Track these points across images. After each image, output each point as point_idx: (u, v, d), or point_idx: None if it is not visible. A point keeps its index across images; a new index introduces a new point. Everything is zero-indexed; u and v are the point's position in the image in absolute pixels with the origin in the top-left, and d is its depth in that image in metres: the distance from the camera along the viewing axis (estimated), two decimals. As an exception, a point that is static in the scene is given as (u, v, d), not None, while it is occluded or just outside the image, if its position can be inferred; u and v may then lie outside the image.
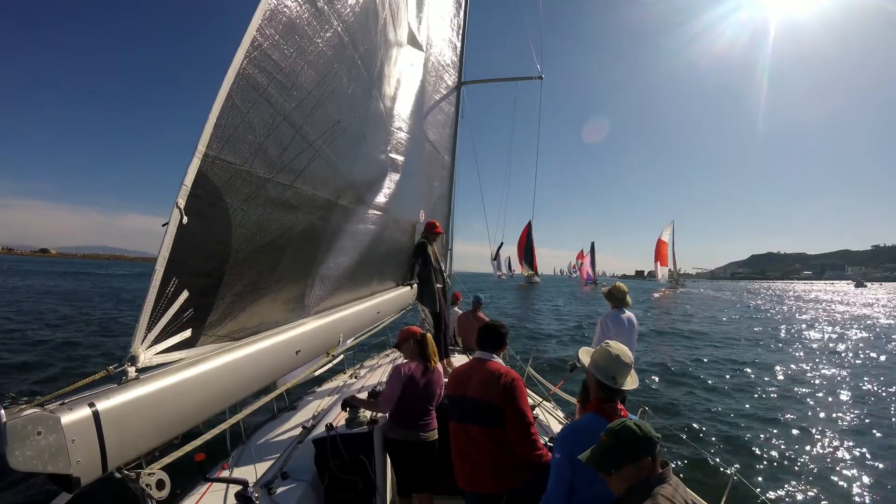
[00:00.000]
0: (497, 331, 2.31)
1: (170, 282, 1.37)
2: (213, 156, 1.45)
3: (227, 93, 1.45)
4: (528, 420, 2.09)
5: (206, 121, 1.42)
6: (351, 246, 2.67)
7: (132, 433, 1.22)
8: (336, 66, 2.02)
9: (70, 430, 1.05)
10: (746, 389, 8.83)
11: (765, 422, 6.98)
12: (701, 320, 22.98)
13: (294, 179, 1.90)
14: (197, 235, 1.45)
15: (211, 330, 1.57)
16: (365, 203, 2.86)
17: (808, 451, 5.87)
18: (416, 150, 4.01)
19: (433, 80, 4.40)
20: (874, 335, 17.83)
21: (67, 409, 1.08)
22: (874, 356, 12.87)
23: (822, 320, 24.07)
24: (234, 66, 1.46)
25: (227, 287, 1.62)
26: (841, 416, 7.33)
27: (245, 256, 1.69)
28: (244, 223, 1.66)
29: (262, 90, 1.61)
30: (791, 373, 10.44)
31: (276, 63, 1.65)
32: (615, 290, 3.88)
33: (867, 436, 6.45)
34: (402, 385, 2.57)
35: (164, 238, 1.35)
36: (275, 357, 1.83)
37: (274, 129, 1.71)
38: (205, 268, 1.52)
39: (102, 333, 13.00)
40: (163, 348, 1.40)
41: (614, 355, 1.77)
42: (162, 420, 1.32)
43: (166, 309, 1.38)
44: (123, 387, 1.24)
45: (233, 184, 1.56)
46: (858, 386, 9.26)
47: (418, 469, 2.63)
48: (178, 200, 1.36)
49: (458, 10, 5.33)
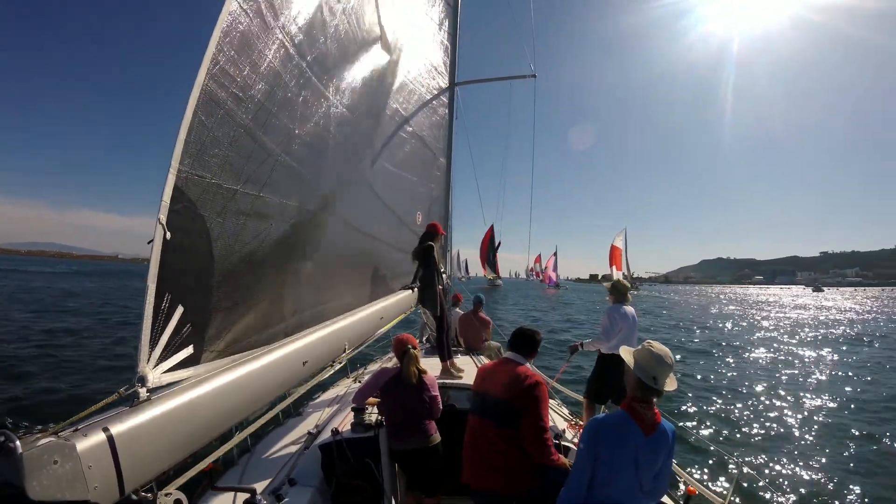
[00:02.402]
0: (533, 337, 2.32)
1: (164, 297, 1.40)
2: (186, 171, 1.49)
3: (193, 109, 1.49)
4: (545, 424, 2.11)
5: (177, 137, 1.45)
6: (337, 252, 2.69)
7: (147, 455, 1.24)
8: (284, 77, 2.09)
9: (86, 457, 1.07)
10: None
11: (757, 408, 7.23)
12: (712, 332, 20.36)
13: (261, 189, 1.95)
14: (181, 250, 1.48)
15: (211, 346, 1.60)
16: (341, 208, 2.86)
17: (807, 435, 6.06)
18: (405, 153, 4.00)
19: (425, 82, 4.34)
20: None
21: (82, 435, 1.10)
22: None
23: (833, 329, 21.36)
24: (198, 82, 1.50)
25: (218, 300, 1.65)
26: (845, 405, 7.56)
27: (230, 268, 1.73)
28: (222, 235, 1.69)
29: (223, 104, 1.65)
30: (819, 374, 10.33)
31: (233, 77, 1.70)
32: (619, 285, 3.83)
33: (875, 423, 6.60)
34: (387, 390, 2.62)
35: (150, 254, 1.37)
36: (283, 370, 1.86)
37: (236, 141, 1.76)
38: (194, 282, 1.55)
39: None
40: (168, 367, 1.42)
41: (657, 355, 1.72)
42: (176, 440, 1.35)
43: (165, 325, 1.40)
44: (136, 409, 1.26)
45: (206, 197, 1.60)
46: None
47: (424, 474, 2.68)
48: (159, 216, 1.39)
49: (448, 10, 5.22)
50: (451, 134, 5.45)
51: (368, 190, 3.25)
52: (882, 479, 5.00)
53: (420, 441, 2.61)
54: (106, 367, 8.72)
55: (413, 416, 2.63)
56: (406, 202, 4.06)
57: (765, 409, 7.43)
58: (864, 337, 17.90)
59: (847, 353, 13.83)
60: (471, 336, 5.20)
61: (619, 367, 3.46)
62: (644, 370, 1.71)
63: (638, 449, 1.66)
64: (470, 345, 5.19)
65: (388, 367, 2.80)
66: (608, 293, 3.85)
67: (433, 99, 4.49)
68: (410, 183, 4.21)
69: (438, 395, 2.72)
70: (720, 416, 7.09)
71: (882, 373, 10.79)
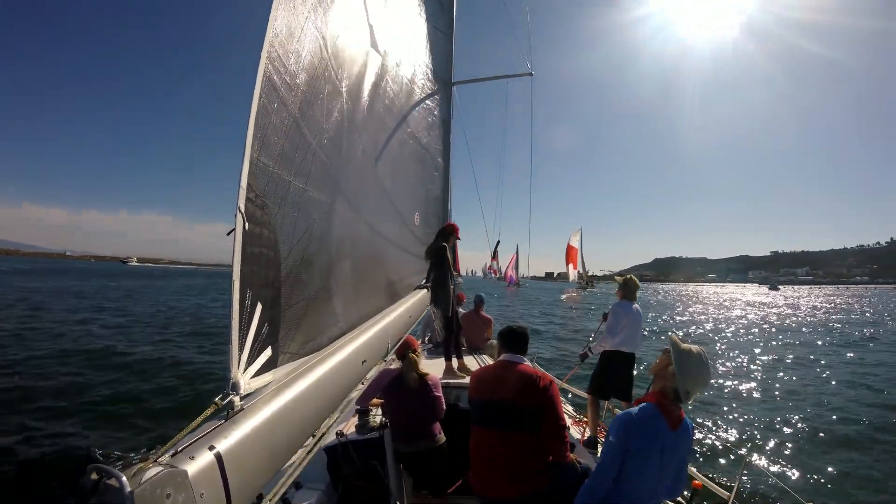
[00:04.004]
0: (524, 334, 2.33)
1: (246, 295, 1.28)
2: (255, 158, 1.39)
3: (258, 93, 1.40)
4: (564, 422, 2.13)
5: (249, 122, 1.36)
6: (364, 251, 2.66)
7: (250, 470, 1.14)
8: (319, 68, 2.01)
9: (198, 483, 0.95)
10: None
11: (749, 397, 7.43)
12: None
13: (306, 182, 1.85)
14: (253, 242, 1.37)
15: (285, 347, 1.49)
16: (361, 208, 2.80)
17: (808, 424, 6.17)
18: (404, 153, 3.94)
19: (421, 83, 4.29)
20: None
21: (189, 458, 0.97)
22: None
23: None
24: (261, 65, 1.42)
25: (286, 298, 1.54)
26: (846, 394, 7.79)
27: (291, 264, 1.62)
28: (283, 228, 1.59)
29: (279, 90, 1.57)
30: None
31: (284, 63, 1.61)
32: (630, 283, 3.71)
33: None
34: (391, 391, 2.59)
35: (234, 247, 1.26)
36: (348, 369, 1.81)
37: (289, 131, 1.67)
38: (266, 277, 1.43)
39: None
40: (254, 372, 1.30)
41: (705, 376, 1.68)
42: (274, 450, 1.25)
43: (248, 325, 1.29)
44: (235, 421, 1.15)
45: (270, 188, 1.50)
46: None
47: (430, 474, 2.67)
48: (239, 205, 1.28)
49: (443, 11, 5.16)
50: (449, 134, 5.44)
51: (381, 191, 3.19)
52: (891, 464, 5.06)
53: (426, 442, 2.61)
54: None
55: (417, 418, 2.62)
56: (407, 203, 4.03)
57: (768, 403, 7.59)
58: (848, 332, 18.89)
59: (842, 349, 14.23)
60: (473, 335, 5.18)
61: (622, 364, 3.56)
62: (684, 380, 1.65)
63: (664, 443, 1.68)
64: (472, 344, 5.16)
65: (390, 368, 2.76)
66: (618, 288, 3.74)
67: (427, 96, 4.50)
68: (410, 184, 4.18)
69: (442, 395, 2.71)
70: (722, 410, 7.22)
71: (886, 365, 11.38)
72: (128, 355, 9.48)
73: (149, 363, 8.90)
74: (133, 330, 13.16)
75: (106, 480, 0.81)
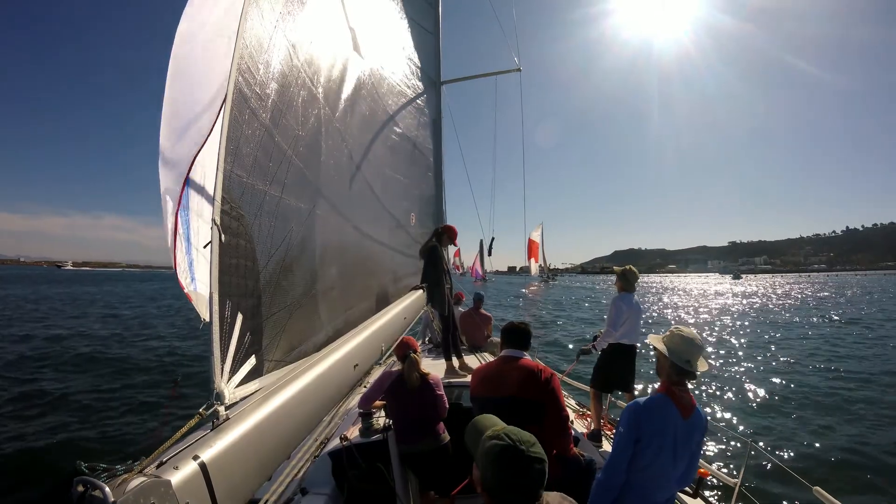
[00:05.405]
0: (527, 330, 2.32)
1: (226, 305, 1.30)
2: (229, 170, 1.40)
3: (230, 105, 1.41)
4: (566, 414, 2.13)
5: (221, 135, 1.37)
6: (353, 256, 2.66)
7: (237, 480, 1.16)
8: (289, 76, 2.02)
9: (182, 493, 0.97)
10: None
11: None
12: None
13: (282, 191, 1.87)
14: (231, 253, 1.39)
15: (269, 355, 1.51)
16: (347, 212, 2.81)
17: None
18: (395, 154, 3.93)
19: (409, 83, 4.28)
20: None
21: (173, 468, 0.99)
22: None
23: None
24: (231, 76, 1.43)
25: (267, 307, 1.56)
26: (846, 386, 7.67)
27: (270, 272, 1.64)
28: (260, 238, 1.61)
29: (249, 101, 1.58)
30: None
31: (254, 75, 1.63)
32: (629, 274, 3.65)
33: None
34: (393, 392, 2.58)
35: (210, 259, 1.28)
36: (339, 375, 1.82)
37: (262, 141, 1.68)
38: (246, 287, 1.45)
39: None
40: (239, 380, 1.32)
41: (688, 339, 1.74)
42: (262, 459, 1.27)
43: (230, 335, 1.30)
44: (220, 430, 1.16)
45: (245, 198, 1.52)
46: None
47: (436, 474, 2.65)
48: (213, 217, 1.30)
49: (429, 9, 5.14)
50: (440, 133, 5.43)
51: (370, 193, 3.20)
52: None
53: (430, 442, 2.59)
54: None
55: (421, 419, 2.61)
56: (401, 204, 4.04)
57: (772, 390, 7.64)
58: (828, 314, 19.48)
59: (832, 332, 14.53)
60: (473, 333, 5.19)
61: (624, 357, 3.55)
62: (678, 354, 1.72)
63: (677, 431, 1.68)
64: (472, 342, 5.17)
65: (392, 370, 2.76)
66: (617, 279, 3.68)
67: (417, 96, 4.50)
68: (403, 185, 4.18)
69: (444, 394, 2.71)
70: (727, 398, 7.24)
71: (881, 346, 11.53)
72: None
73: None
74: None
75: (91, 492, 0.83)
